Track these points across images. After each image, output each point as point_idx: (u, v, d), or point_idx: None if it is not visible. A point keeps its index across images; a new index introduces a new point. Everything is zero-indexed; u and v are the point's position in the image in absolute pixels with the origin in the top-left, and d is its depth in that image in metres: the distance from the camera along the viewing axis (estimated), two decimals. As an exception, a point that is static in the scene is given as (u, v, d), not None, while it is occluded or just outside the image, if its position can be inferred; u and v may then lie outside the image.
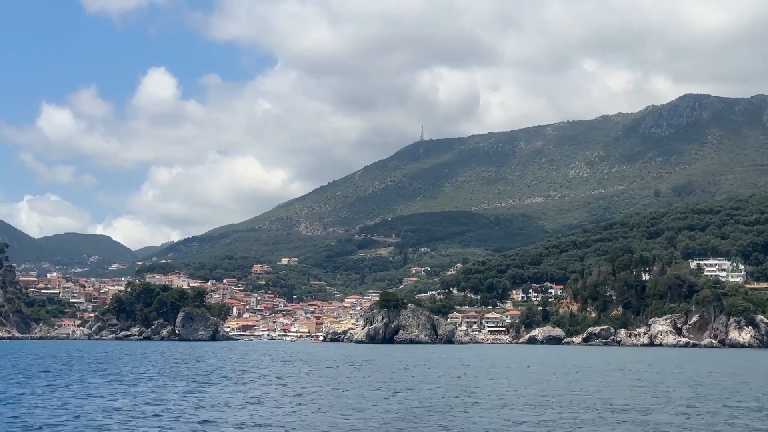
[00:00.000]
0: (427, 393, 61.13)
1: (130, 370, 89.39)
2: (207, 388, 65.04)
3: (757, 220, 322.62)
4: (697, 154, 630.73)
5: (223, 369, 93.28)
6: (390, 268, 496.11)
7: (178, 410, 48.85)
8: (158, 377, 76.95)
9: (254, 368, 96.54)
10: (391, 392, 62.07)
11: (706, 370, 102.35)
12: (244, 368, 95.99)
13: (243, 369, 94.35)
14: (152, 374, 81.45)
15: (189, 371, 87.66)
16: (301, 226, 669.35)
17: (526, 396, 60.17)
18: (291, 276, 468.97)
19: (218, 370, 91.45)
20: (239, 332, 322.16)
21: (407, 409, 50.30)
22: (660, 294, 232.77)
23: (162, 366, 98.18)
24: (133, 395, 57.88)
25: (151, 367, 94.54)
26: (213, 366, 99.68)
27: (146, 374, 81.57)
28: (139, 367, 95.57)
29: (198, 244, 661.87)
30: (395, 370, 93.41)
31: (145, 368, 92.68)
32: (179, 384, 68.32)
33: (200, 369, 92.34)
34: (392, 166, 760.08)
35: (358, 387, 67.29)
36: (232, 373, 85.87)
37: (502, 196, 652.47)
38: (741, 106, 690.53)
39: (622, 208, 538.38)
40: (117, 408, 50.01)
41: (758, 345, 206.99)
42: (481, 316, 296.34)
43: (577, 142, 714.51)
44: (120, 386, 65.74)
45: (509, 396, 59.97)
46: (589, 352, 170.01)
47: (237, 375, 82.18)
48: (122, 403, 52.31)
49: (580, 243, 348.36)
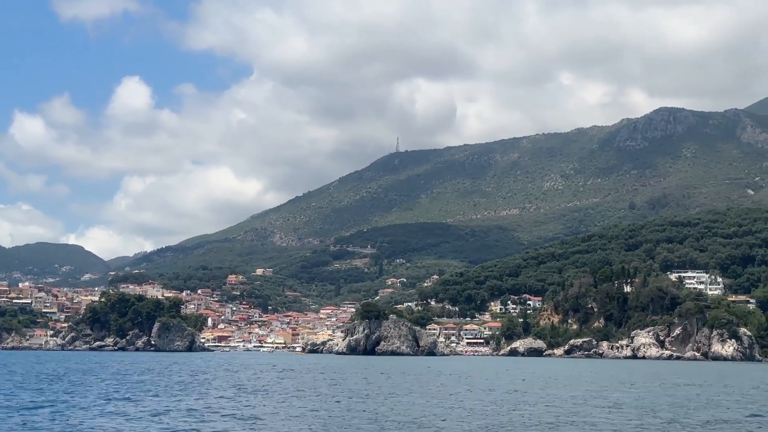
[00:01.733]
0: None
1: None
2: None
3: (735, 233, 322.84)
4: (672, 167, 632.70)
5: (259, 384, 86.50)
6: (365, 279, 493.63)
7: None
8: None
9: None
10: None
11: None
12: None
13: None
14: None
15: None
16: (276, 237, 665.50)
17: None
18: (266, 287, 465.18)
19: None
20: (214, 343, 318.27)
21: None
22: (642, 306, 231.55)
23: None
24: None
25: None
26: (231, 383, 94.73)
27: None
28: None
29: (172, 254, 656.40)
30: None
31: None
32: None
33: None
34: (368, 177, 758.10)
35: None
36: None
37: (477, 207, 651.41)
38: (715, 120, 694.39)
39: (597, 221, 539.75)
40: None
41: (741, 358, 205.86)
42: (460, 327, 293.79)
43: (553, 154, 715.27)
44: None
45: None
46: (582, 366, 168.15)
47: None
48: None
49: (559, 255, 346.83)
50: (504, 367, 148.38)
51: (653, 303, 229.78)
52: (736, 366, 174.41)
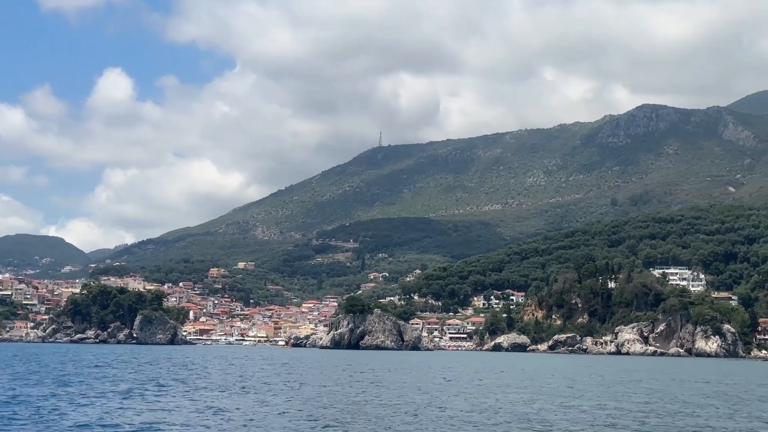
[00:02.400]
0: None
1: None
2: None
3: (718, 230, 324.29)
4: (654, 164, 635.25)
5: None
6: (348, 273, 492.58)
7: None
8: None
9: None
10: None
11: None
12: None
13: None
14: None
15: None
16: (258, 231, 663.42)
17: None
18: (248, 280, 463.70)
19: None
20: (196, 336, 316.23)
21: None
22: (626, 302, 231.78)
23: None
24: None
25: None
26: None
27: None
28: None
29: (153, 247, 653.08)
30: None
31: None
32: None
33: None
34: (350, 172, 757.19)
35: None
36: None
37: (460, 203, 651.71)
38: (697, 117, 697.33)
39: (579, 217, 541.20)
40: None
41: (724, 354, 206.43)
42: (443, 322, 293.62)
43: (535, 150, 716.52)
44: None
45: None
46: (571, 362, 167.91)
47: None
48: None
49: (542, 250, 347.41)
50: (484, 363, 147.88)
51: (637, 299, 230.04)
52: (717, 362, 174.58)
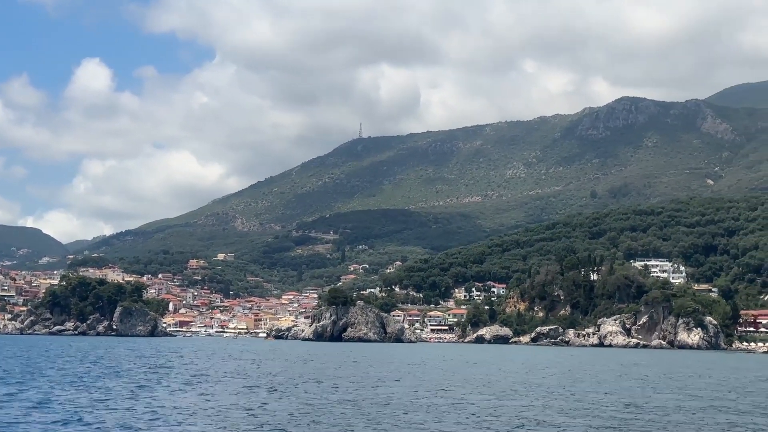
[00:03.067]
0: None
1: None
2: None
3: (698, 222, 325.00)
4: (633, 156, 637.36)
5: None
6: (328, 265, 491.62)
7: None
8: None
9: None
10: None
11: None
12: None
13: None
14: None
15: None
16: (237, 222, 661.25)
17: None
18: (227, 272, 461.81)
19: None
20: (176, 328, 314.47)
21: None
22: (608, 294, 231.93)
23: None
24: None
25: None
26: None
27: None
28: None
29: (132, 238, 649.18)
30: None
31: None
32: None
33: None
34: (330, 163, 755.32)
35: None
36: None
37: (440, 194, 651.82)
38: (676, 110, 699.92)
39: (559, 209, 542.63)
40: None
41: (707, 346, 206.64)
42: (424, 314, 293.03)
43: (515, 142, 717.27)
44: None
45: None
46: (557, 354, 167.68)
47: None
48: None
49: (523, 242, 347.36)
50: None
51: (620, 291, 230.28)
52: (709, 355, 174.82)
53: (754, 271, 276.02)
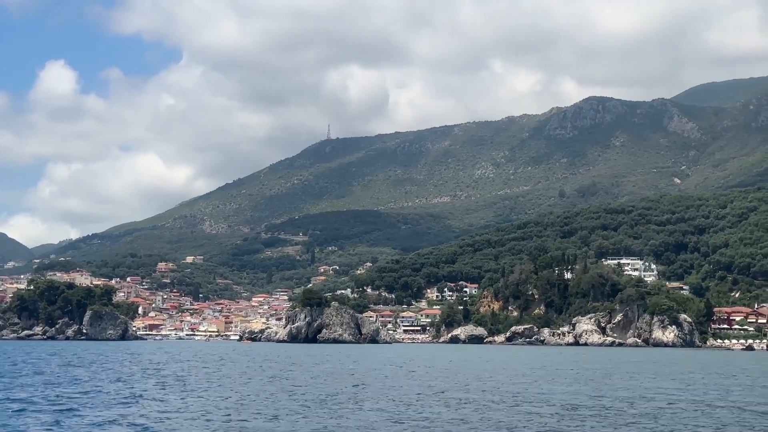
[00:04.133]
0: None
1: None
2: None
3: (669, 220, 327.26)
4: (601, 156, 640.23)
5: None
6: (297, 266, 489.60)
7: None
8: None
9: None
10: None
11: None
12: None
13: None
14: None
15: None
16: (206, 224, 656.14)
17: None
18: (197, 274, 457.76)
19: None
20: (146, 332, 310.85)
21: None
22: (583, 293, 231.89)
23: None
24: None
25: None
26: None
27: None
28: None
29: (99, 241, 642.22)
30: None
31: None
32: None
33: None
34: (299, 165, 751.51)
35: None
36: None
37: (409, 195, 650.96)
38: (643, 109, 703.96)
39: (528, 209, 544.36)
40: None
41: (681, 344, 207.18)
42: (396, 314, 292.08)
43: (484, 142, 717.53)
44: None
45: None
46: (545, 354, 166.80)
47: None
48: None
49: (495, 242, 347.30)
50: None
51: (594, 290, 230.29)
52: (691, 353, 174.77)
53: (725, 269, 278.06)
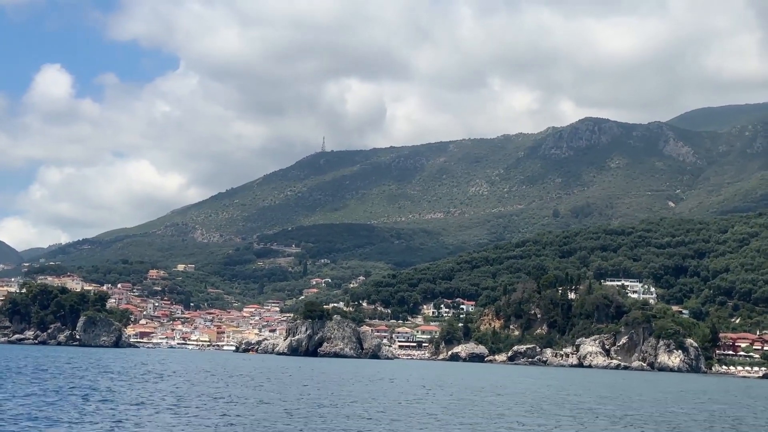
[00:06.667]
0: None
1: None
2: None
3: (669, 243, 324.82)
4: (596, 177, 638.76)
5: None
6: (289, 278, 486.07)
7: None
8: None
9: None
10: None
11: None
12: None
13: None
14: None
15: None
16: (197, 233, 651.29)
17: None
18: (188, 283, 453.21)
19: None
20: (137, 339, 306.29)
21: None
22: (587, 314, 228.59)
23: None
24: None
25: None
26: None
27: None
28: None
29: (89, 246, 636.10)
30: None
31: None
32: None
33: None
34: (293, 177, 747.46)
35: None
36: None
37: (402, 210, 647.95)
38: (638, 132, 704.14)
39: (521, 228, 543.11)
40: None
41: (687, 369, 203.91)
42: (392, 330, 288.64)
43: (479, 160, 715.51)
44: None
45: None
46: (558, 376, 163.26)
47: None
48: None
49: (493, 259, 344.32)
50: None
51: (598, 311, 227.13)
52: (709, 380, 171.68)
53: (725, 294, 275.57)
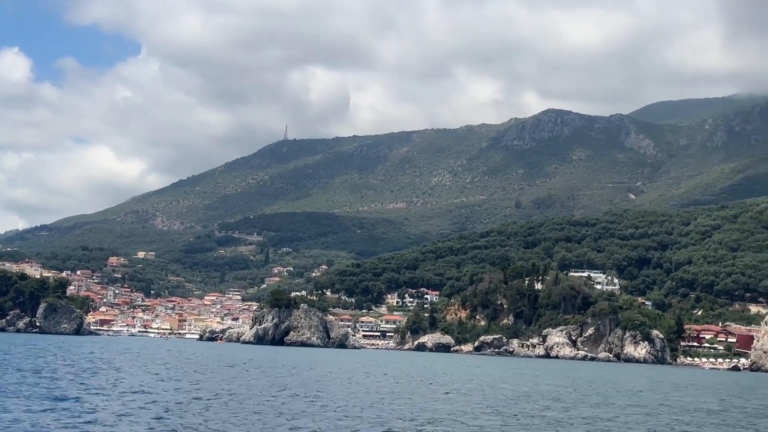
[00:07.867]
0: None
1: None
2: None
3: (632, 235, 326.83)
4: (558, 168, 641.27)
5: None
6: (251, 266, 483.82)
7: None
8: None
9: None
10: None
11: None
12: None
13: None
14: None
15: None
16: (158, 221, 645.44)
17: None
18: (148, 270, 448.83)
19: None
20: (97, 327, 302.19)
21: None
22: (554, 304, 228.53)
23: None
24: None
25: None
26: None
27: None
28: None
29: (47, 233, 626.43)
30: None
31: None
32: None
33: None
34: (255, 165, 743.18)
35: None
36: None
37: (365, 200, 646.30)
38: (600, 124, 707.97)
39: (483, 218, 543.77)
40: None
41: (653, 360, 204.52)
42: (356, 319, 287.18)
43: (442, 150, 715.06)
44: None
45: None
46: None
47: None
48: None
49: (457, 249, 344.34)
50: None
51: (565, 302, 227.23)
52: (685, 371, 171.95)
53: (688, 286, 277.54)
